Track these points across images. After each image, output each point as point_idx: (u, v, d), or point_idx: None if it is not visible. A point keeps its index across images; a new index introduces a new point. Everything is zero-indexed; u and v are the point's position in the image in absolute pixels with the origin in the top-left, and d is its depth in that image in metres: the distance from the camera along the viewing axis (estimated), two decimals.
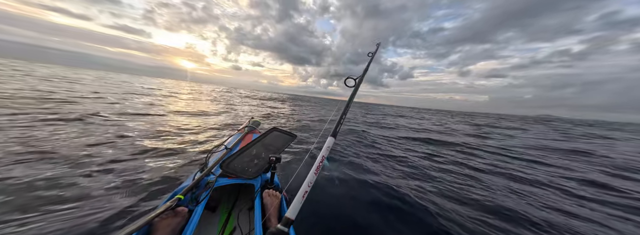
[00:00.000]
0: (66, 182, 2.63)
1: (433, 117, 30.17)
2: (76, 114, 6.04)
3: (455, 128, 15.57)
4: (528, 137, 13.17)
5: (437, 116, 36.18)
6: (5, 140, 3.70)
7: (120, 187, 2.66)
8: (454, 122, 23.09)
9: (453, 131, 13.28)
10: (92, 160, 3.32)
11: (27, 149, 3.43)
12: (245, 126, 3.60)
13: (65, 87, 13.11)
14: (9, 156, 3.12)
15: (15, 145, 3.53)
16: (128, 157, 3.63)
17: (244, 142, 3.00)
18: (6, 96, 7.45)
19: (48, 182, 2.60)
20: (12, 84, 10.87)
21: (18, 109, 5.90)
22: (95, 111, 6.80)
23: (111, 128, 5.26)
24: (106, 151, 3.77)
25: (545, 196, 3.75)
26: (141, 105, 9.74)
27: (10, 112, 5.39)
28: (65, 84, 14.75)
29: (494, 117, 64.03)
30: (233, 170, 1.86)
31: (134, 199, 2.45)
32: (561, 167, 5.84)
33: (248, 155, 2.07)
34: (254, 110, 15.26)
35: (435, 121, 22.03)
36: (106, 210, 2.19)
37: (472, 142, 9.21)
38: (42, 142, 3.80)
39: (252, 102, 23.03)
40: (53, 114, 5.78)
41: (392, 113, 34.22)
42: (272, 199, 1.69)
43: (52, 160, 3.17)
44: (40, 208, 2.14)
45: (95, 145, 3.96)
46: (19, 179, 2.58)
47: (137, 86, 24.50)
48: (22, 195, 2.31)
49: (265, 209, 1.63)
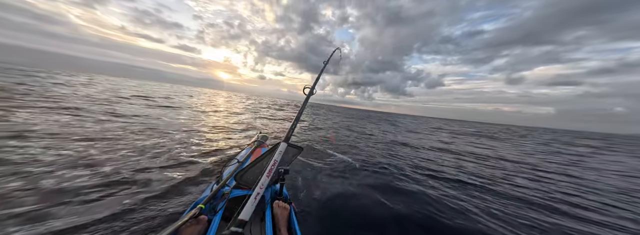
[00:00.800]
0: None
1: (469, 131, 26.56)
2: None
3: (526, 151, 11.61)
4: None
5: (477, 130, 32.21)
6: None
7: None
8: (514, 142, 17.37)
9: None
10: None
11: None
12: (255, 141, 3.79)
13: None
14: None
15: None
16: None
17: (253, 155, 3.18)
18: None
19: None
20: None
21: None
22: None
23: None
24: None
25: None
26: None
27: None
28: (176, 95, 25.18)
29: (564, 133, 50.27)
30: (245, 182, 2.03)
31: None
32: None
33: (259, 168, 2.18)
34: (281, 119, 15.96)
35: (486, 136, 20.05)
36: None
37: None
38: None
39: (278, 114, 21.77)
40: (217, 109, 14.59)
41: (421, 129, 23.75)
42: (281, 211, 1.75)
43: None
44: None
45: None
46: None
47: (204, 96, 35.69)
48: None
49: (276, 220, 1.69)
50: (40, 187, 2.76)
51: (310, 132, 11.29)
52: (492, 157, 8.91)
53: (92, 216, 2.32)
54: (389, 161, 6.32)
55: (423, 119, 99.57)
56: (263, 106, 29.62)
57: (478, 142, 14.99)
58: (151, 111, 10.21)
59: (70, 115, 6.89)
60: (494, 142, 15.92)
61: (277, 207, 1.79)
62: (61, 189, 2.78)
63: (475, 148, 11.51)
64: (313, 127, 13.24)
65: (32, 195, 2.59)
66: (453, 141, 13.95)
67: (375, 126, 19.96)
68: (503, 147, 12.90)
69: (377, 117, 49.21)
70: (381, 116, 61.13)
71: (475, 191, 4.51)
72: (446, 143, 12.53)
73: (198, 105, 16.73)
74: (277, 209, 1.77)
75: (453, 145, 11.93)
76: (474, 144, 13.63)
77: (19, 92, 10.14)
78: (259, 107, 25.61)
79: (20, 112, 6.45)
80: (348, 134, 11.84)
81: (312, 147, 7.23)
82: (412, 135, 15.50)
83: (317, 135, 10.38)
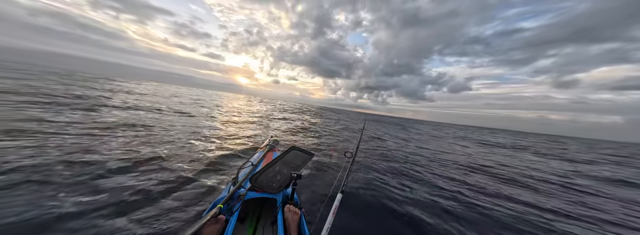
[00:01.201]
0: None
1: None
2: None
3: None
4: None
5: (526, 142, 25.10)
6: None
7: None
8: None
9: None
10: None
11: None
12: (267, 144, 3.92)
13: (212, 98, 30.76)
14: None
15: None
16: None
17: (266, 159, 3.26)
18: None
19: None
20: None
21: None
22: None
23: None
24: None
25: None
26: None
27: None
28: (208, 98, 33.62)
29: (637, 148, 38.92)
30: (260, 184, 2.08)
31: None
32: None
33: (272, 172, 2.26)
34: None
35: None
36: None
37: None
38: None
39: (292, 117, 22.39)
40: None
41: (442, 136, 21.64)
42: (292, 215, 1.80)
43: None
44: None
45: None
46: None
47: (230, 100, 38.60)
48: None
49: (286, 224, 1.74)
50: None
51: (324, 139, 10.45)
52: (570, 187, 6.10)
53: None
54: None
55: (445, 126, 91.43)
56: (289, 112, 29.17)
57: (535, 158, 11.84)
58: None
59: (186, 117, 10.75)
60: (551, 159, 12.22)
61: (288, 212, 1.83)
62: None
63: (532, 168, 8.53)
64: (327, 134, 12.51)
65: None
66: (491, 156, 11.08)
67: (396, 132, 19.17)
68: (573, 168, 9.63)
69: (392, 122, 46.16)
70: (396, 121, 57.64)
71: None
72: (483, 159, 9.85)
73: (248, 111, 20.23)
74: (288, 214, 1.81)
75: (495, 163, 9.05)
76: (532, 161, 10.65)
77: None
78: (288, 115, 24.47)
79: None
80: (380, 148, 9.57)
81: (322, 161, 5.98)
82: (433, 142, 14.73)
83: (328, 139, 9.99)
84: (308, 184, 4.07)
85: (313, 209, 3.07)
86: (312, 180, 4.35)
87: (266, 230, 2.11)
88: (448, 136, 22.48)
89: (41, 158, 3.54)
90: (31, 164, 3.29)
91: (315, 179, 4.43)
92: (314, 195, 3.63)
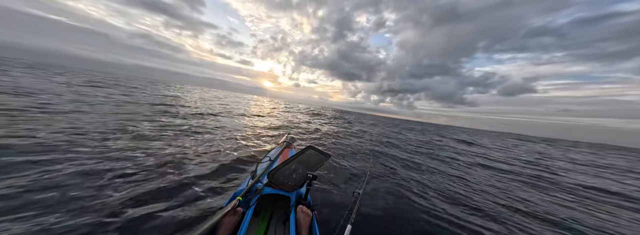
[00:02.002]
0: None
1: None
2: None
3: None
4: None
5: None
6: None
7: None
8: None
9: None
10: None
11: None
12: (284, 141, 4.00)
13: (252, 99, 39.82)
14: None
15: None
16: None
17: (282, 155, 3.31)
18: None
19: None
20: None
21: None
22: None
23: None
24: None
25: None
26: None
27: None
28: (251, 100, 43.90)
29: None
30: (276, 181, 2.12)
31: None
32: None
33: (288, 169, 2.30)
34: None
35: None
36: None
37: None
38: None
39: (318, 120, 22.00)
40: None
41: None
42: (304, 216, 1.80)
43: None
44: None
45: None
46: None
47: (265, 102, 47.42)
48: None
49: (298, 224, 1.75)
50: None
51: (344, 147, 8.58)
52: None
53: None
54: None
55: (494, 135, 67.65)
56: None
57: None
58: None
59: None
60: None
61: (301, 212, 1.83)
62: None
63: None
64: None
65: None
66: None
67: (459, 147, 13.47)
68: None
69: (424, 129, 36.33)
70: (429, 128, 46.21)
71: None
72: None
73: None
74: (300, 214, 1.81)
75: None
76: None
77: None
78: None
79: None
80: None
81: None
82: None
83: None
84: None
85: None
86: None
87: (278, 227, 2.13)
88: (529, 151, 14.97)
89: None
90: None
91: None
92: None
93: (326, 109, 71.17)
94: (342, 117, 36.33)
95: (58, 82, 14.73)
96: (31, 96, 7.90)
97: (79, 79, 20.67)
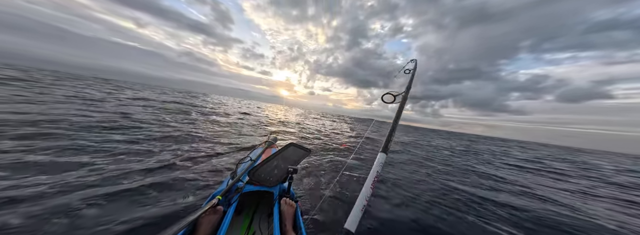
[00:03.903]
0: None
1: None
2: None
3: None
4: None
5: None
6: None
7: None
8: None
9: None
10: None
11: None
12: (266, 141, 4.11)
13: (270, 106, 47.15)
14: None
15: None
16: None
17: (264, 155, 3.41)
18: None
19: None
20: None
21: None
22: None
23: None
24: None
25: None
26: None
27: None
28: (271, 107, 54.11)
29: None
30: (257, 178, 2.14)
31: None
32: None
33: (270, 166, 2.35)
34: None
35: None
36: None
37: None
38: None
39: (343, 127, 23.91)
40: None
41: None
42: (288, 208, 1.85)
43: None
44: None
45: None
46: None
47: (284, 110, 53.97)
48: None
49: (282, 216, 1.79)
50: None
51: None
52: None
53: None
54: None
55: (559, 149, 46.42)
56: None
57: None
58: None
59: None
60: None
61: (285, 204, 1.87)
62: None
63: None
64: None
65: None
66: None
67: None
68: None
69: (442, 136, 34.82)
70: (484, 140, 39.62)
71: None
72: None
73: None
74: (284, 206, 1.85)
75: None
76: None
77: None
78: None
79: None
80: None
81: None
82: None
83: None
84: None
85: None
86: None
87: (262, 221, 2.20)
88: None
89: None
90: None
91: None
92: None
93: (344, 117, 74.45)
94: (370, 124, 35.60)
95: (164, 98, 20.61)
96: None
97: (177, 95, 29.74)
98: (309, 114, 40.73)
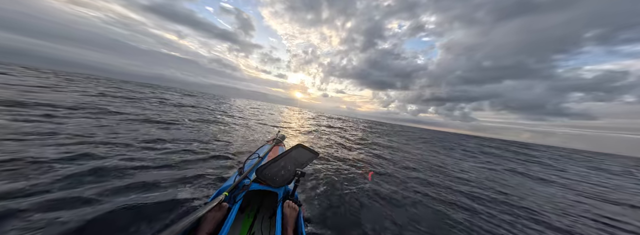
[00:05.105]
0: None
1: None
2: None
3: None
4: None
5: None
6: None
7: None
8: None
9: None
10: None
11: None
12: (274, 139, 3.99)
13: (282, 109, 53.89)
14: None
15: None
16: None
17: (272, 152, 3.30)
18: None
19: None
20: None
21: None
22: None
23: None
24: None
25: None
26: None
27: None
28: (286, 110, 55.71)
29: None
30: (264, 177, 2.11)
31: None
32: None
33: (277, 166, 2.30)
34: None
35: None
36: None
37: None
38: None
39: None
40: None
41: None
42: (291, 211, 1.82)
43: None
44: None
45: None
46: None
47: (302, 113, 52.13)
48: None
49: (284, 218, 1.75)
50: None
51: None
52: None
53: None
54: None
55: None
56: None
57: None
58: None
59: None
60: None
61: (288, 207, 1.85)
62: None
63: None
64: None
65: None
66: None
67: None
68: None
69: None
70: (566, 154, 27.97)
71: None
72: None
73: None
74: (287, 209, 1.83)
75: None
76: None
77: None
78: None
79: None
80: None
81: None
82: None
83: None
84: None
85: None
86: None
87: (264, 222, 2.17)
88: None
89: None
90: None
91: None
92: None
93: (358, 120, 71.35)
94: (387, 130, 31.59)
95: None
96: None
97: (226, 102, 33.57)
98: (319, 116, 39.70)
